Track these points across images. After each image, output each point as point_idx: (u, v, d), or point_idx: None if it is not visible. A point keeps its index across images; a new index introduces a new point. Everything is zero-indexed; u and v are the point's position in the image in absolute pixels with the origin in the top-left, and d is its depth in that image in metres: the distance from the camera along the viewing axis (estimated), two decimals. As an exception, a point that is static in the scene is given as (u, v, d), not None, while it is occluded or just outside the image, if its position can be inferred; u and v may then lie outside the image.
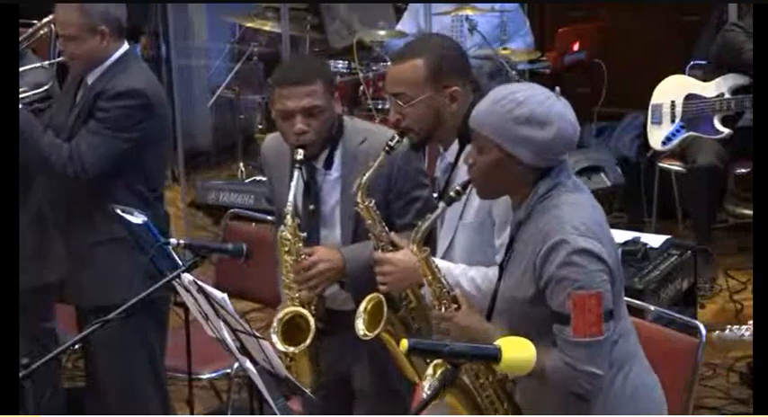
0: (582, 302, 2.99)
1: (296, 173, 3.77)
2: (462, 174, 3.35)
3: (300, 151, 3.77)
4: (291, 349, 3.78)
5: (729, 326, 3.45)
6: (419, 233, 3.31)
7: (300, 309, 3.82)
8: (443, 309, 3.28)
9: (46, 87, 4.48)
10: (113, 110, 4.25)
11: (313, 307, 3.88)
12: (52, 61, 4.50)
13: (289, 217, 3.79)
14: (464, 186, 3.23)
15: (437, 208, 3.36)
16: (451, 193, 3.26)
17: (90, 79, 4.34)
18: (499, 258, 3.38)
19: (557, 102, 3.10)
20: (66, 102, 4.42)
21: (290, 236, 3.81)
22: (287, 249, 3.82)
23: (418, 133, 3.56)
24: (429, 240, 3.46)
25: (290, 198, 3.77)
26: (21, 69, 4.43)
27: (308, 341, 3.77)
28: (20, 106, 4.30)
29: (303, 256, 3.81)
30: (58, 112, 4.43)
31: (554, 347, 3.06)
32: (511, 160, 3.08)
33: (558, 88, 3.23)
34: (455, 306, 3.26)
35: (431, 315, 3.41)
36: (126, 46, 4.39)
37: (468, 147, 3.24)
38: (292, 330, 3.82)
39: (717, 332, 3.36)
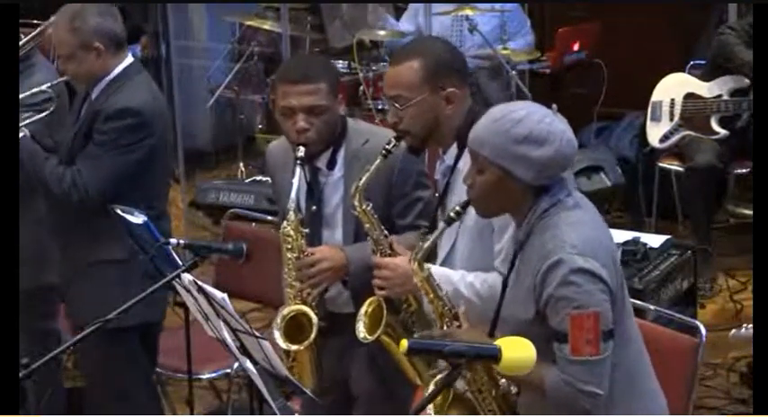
0: (580, 321, 3.00)
1: (297, 171, 3.76)
2: (462, 177, 3.35)
3: (302, 148, 3.76)
4: (293, 347, 3.77)
5: (745, 325, 3.46)
6: (420, 252, 3.31)
7: (304, 307, 3.82)
8: (445, 327, 3.29)
9: (52, 107, 4.46)
10: (110, 132, 4.23)
11: (315, 306, 3.88)
12: (55, 82, 4.46)
13: (291, 213, 3.78)
14: (464, 206, 3.23)
15: (437, 218, 3.36)
16: (451, 214, 3.26)
17: (94, 94, 4.33)
18: (497, 263, 3.39)
19: (555, 120, 3.10)
20: (72, 118, 4.41)
21: (292, 233, 3.80)
22: (289, 246, 3.82)
23: (416, 136, 3.56)
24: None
25: (292, 195, 3.76)
26: (29, 92, 4.42)
27: (311, 339, 3.77)
28: (32, 121, 4.33)
29: (306, 253, 3.81)
30: (64, 127, 4.43)
31: (555, 364, 3.06)
32: (510, 179, 3.09)
33: (555, 106, 3.24)
34: (457, 323, 3.27)
35: (433, 333, 3.41)
36: (129, 60, 4.35)
37: (465, 162, 3.24)
38: (295, 328, 3.81)
39: (733, 330, 3.37)
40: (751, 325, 3.37)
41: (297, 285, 3.83)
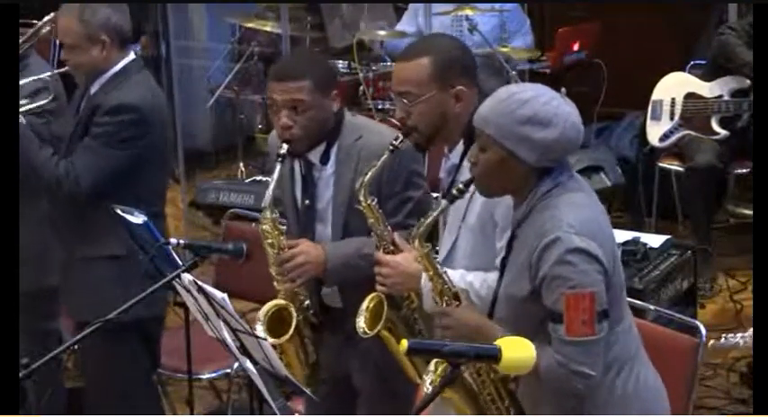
0: (575, 301, 3.00)
1: (277, 167, 3.78)
2: (467, 175, 3.35)
3: (284, 146, 3.78)
4: (271, 340, 3.78)
5: (724, 335, 3.45)
6: (421, 227, 3.31)
7: (283, 302, 3.86)
8: (444, 304, 3.29)
9: (49, 97, 4.46)
10: (107, 125, 4.22)
11: (307, 302, 3.89)
12: (56, 72, 4.47)
13: (267, 210, 3.80)
14: (467, 184, 3.23)
15: (436, 208, 3.36)
16: (454, 191, 3.27)
17: (92, 89, 4.32)
18: (499, 260, 3.39)
19: (561, 103, 3.10)
20: (71, 113, 4.41)
21: (269, 229, 3.82)
22: (269, 242, 3.84)
23: (423, 133, 3.55)
24: (432, 240, 3.46)
25: (269, 191, 3.78)
26: (24, 81, 4.42)
27: (290, 334, 3.80)
28: (26, 109, 4.32)
29: (285, 249, 3.83)
30: (64, 122, 4.43)
31: (550, 345, 3.06)
32: (513, 159, 3.09)
33: (563, 89, 3.23)
34: (456, 302, 3.27)
35: (432, 310, 3.41)
36: (131, 56, 4.35)
37: (467, 163, 3.25)
38: (278, 322, 3.84)
39: (712, 341, 3.37)
40: (731, 335, 3.38)
41: (280, 279, 3.87)
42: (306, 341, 3.93)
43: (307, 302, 3.92)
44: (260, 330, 3.77)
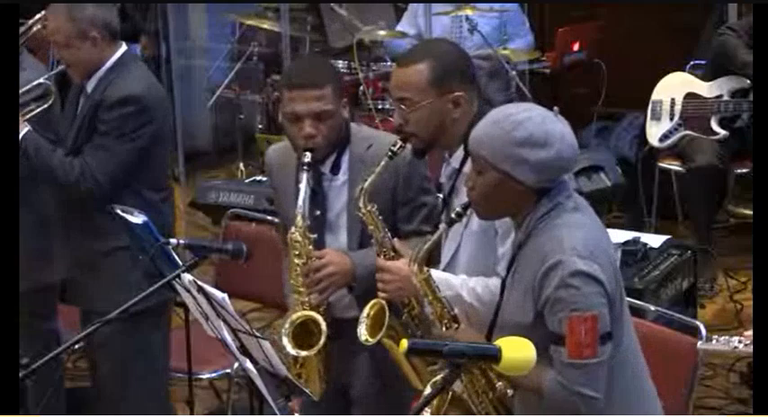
0: (577, 324, 2.99)
1: (304, 176, 3.73)
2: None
3: (308, 154, 3.73)
4: (303, 353, 3.75)
5: (716, 338, 3.42)
6: (420, 253, 3.31)
7: (313, 314, 3.77)
8: (444, 329, 3.29)
9: (41, 87, 4.46)
10: (113, 120, 4.25)
11: (322, 312, 3.86)
12: (52, 73, 4.48)
13: (299, 218, 3.74)
14: (465, 208, 3.23)
15: (441, 219, 3.37)
16: (453, 215, 3.27)
17: (89, 87, 4.33)
18: (500, 268, 3.38)
19: (555, 122, 3.10)
20: (69, 112, 4.42)
21: (300, 238, 3.77)
22: (297, 252, 3.78)
23: (422, 138, 3.55)
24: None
25: (300, 201, 3.73)
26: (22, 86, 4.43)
27: (320, 345, 3.73)
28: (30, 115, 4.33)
29: (313, 259, 3.78)
30: (62, 121, 4.43)
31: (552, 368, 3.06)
32: (510, 181, 3.08)
33: (556, 108, 3.23)
34: (456, 325, 3.27)
35: (433, 334, 3.41)
36: (123, 48, 4.37)
37: (467, 168, 3.25)
38: (303, 334, 3.78)
39: (700, 342, 3.34)
40: (724, 338, 3.36)
41: (304, 291, 3.79)
42: (327, 355, 3.84)
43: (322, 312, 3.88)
44: (285, 341, 3.72)
